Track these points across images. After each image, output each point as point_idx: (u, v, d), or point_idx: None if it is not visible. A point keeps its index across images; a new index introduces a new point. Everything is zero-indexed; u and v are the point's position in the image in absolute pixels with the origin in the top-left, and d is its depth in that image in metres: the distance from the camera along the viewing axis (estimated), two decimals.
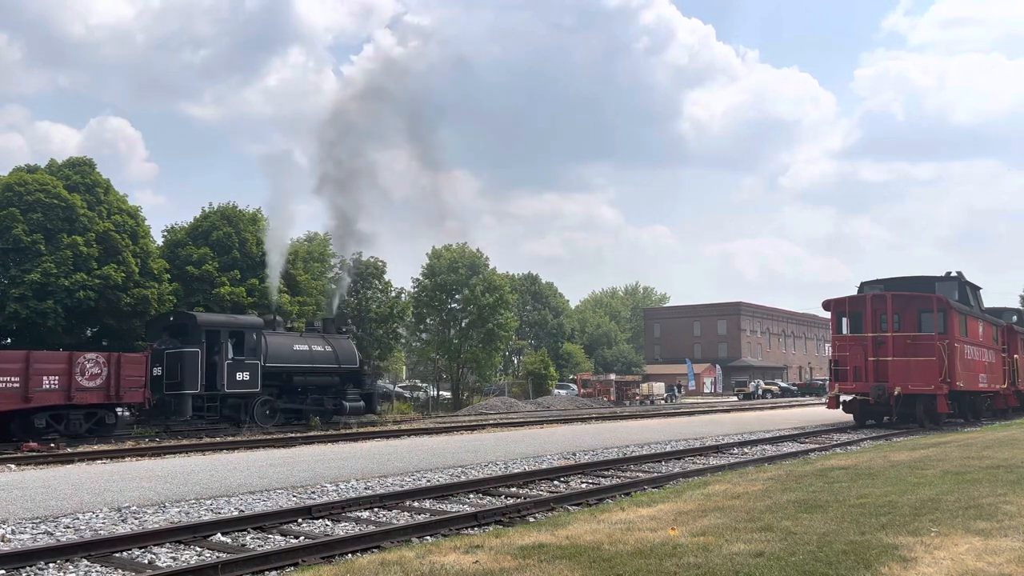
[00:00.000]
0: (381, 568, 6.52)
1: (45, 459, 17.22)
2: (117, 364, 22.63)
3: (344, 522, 9.89)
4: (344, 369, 29.59)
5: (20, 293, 30.20)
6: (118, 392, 22.55)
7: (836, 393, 25.39)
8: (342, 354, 29.64)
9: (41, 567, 7.60)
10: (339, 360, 29.38)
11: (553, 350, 76.31)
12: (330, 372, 29.21)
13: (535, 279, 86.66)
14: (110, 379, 22.43)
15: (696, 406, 50.19)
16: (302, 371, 28.32)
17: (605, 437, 21.61)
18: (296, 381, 28.18)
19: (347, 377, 29.79)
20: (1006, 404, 30.82)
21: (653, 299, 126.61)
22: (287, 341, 28.21)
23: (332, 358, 29.17)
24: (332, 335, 30.23)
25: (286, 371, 27.84)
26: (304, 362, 28.31)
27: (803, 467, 13.84)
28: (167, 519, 10.00)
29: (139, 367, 23.26)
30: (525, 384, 58.37)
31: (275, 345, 27.48)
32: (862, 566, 6.11)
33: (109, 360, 22.62)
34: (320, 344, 29.12)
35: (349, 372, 29.85)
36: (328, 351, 29.15)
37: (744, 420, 30.12)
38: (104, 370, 22.35)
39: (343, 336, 31.05)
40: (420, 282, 54.99)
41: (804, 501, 9.38)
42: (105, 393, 22.35)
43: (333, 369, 29.24)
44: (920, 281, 26.89)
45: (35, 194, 31.65)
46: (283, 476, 13.57)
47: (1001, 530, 7.38)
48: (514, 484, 12.86)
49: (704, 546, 6.92)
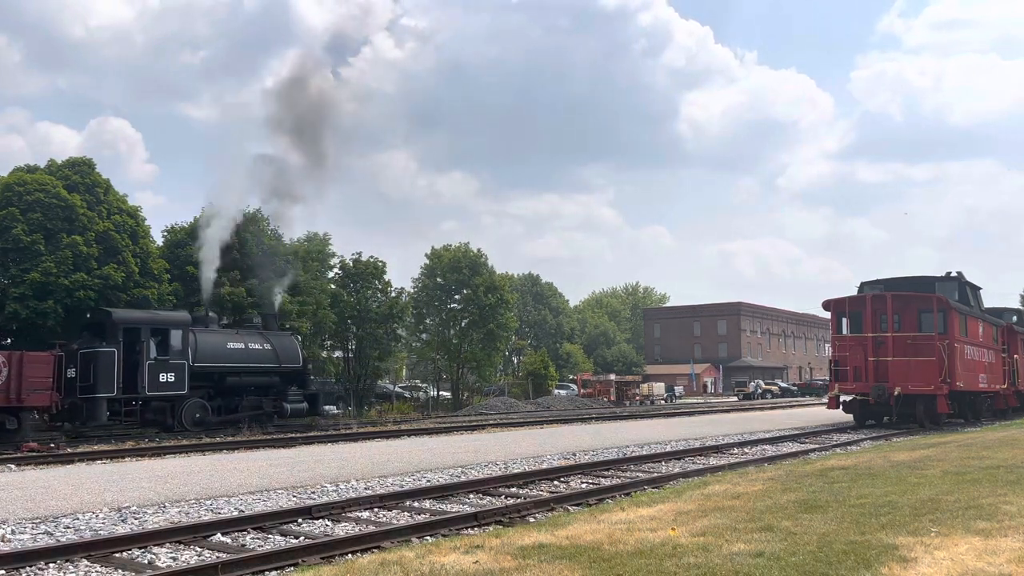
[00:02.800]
0: (381, 568, 6.52)
1: (45, 459, 17.22)
2: (20, 364, 20.54)
3: (344, 522, 9.88)
4: (285, 369, 27.94)
5: (20, 293, 30.19)
6: (19, 395, 20.43)
7: (836, 393, 25.39)
8: (283, 352, 27.99)
9: (41, 567, 7.60)
10: (280, 359, 27.72)
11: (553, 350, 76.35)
12: (269, 372, 27.52)
13: (536, 279, 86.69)
14: (10, 381, 20.28)
15: (696, 406, 50.19)
16: (237, 371, 26.57)
17: (605, 437, 21.61)
18: (230, 382, 26.49)
19: (289, 377, 28.20)
20: (1006, 404, 30.82)
21: (653, 299, 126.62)
22: (220, 339, 26.51)
23: (271, 357, 27.51)
24: (273, 332, 28.58)
25: (218, 371, 26.13)
26: (239, 361, 26.59)
27: (803, 467, 13.83)
28: (167, 519, 10.00)
29: (45, 367, 21.02)
30: (525, 384, 58.38)
31: (206, 343, 25.81)
32: (862, 566, 6.10)
33: (10, 360, 20.50)
34: (258, 342, 27.43)
35: (291, 372, 28.22)
36: (267, 349, 27.50)
37: (744, 420, 30.12)
38: (4, 371, 20.28)
39: (285, 333, 29.50)
40: (422, 281, 55.07)
41: (804, 501, 9.38)
42: (4, 396, 20.28)
43: (273, 369, 27.56)
44: (920, 281, 26.89)
45: (35, 194, 31.65)
46: (283, 476, 13.57)
47: (1001, 530, 7.38)
48: (514, 484, 12.86)
49: (704, 546, 6.92)
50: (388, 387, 54.32)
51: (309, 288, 39.49)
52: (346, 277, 46.51)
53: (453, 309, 54.86)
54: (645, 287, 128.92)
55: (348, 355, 45.71)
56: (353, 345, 45.75)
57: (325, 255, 46.82)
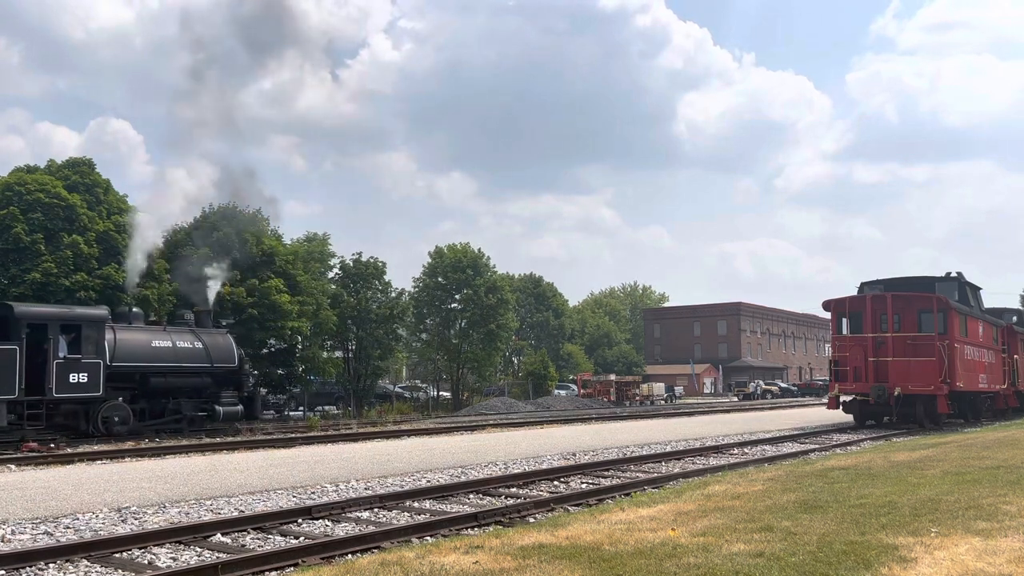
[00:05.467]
0: (381, 568, 6.52)
1: (45, 459, 17.22)
2: None
3: (344, 522, 9.89)
4: (218, 369, 25.93)
5: (20, 293, 30.18)
6: None
7: (836, 393, 25.40)
8: (216, 352, 25.99)
9: (41, 567, 7.60)
10: (212, 358, 25.75)
11: (554, 351, 76.33)
12: (200, 372, 25.50)
13: (538, 280, 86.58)
14: None
15: (696, 406, 50.19)
16: (162, 371, 24.47)
17: (605, 437, 21.62)
18: (155, 383, 24.41)
19: (223, 378, 26.20)
20: (1006, 404, 30.83)
21: (652, 299, 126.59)
22: (143, 337, 24.40)
23: (202, 356, 25.54)
24: (206, 330, 26.60)
25: (140, 371, 24.04)
26: (165, 361, 24.52)
27: (803, 467, 13.84)
28: (167, 519, 10.00)
29: None
30: (525, 384, 58.36)
31: (126, 342, 23.70)
32: (862, 566, 6.11)
33: None
34: (188, 340, 25.42)
35: (225, 372, 26.21)
36: (198, 348, 25.52)
37: (744, 420, 30.12)
38: None
39: (220, 331, 27.50)
40: (423, 281, 55.08)
41: (804, 501, 9.38)
42: None
43: (204, 369, 25.56)
44: (920, 281, 26.90)
45: (35, 194, 31.65)
46: (283, 476, 13.58)
47: (1001, 530, 7.38)
48: (514, 484, 12.86)
49: (704, 546, 6.92)
50: (388, 387, 54.33)
51: (309, 288, 39.49)
52: (346, 277, 46.53)
53: (453, 309, 54.90)
54: (644, 286, 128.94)
55: (348, 355, 45.73)
56: (353, 345, 45.78)
57: (325, 255, 46.84)
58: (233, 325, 35.20)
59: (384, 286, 47.46)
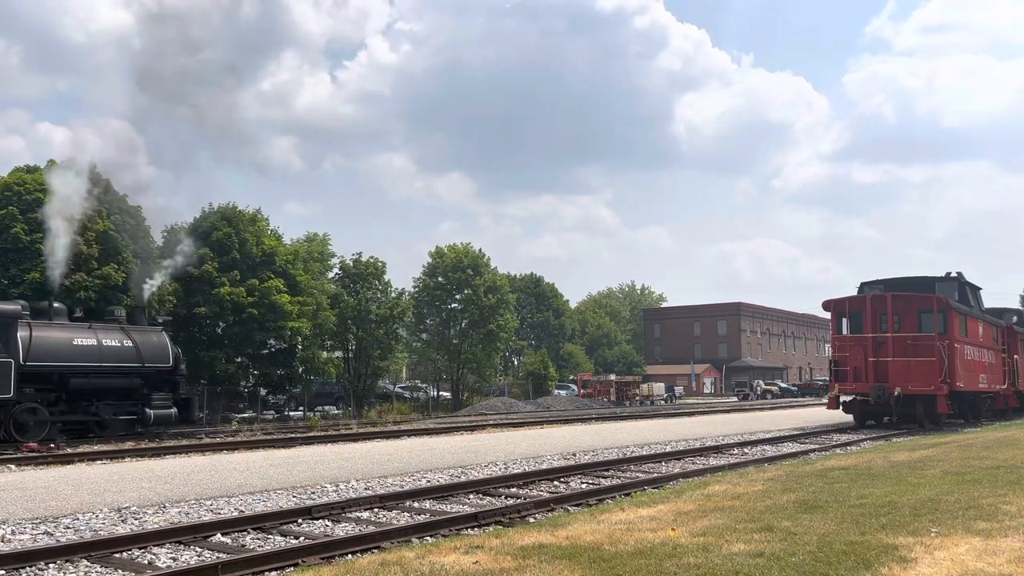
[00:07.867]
0: (381, 568, 6.52)
1: (45, 459, 17.21)
2: None
3: (344, 522, 9.88)
4: (150, 369, 24.21)
5: (20, 293, 30.16)
6: None
7: (836, 393, 25.39)
8: (148, 351, 24.24)
9: (41, 567, 7.59)
10: (143, 358, 24.01)
11: (554, 351, 76.31)
12: (129, 373, 23.77)
13: (539, 281, 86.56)
14: None
15: (696, 407, 50.20)
16: (84, 371, 22.76)
17: (605, 437, 21.62)
18: (76, 384, 22.70)
19: (155, 379, 24.51)
20: (1006, 404, 30.82)
21: (652, 299, 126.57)
22: (64, 335, 22.66)
23: (132, 356, 23.79)
24: (138, 328, 24.81)
25: (59, 371, 22.36)
26: (89, 360, 22.78)
27: (803, 467, 13.84)
28: (167, 519, 10.00)
29: None
30: (525, 384, 58.37)
31: (43, 339, 21.99)
32: (862, 566, 6.10)
33: None
34: (117, 338, 23.68)
35: (157, 373, 24.51)
36: (127, 347, 23.77)
37: (744, 420, 30.11)
38: None
39: (154, 329, 25.51)
40: (423, 281, 55.08)
41: (804, 501, 9.38)
42: None
43: (133, 369, 23.84)
44: (920, 281, 26.89)
45: (34, 193, 31.64)
46: (283, 476, 13.58)
47: (1001, 530, 7.38)
48: (514, 484, 12.86)
49: (704, 546, 6.92)
50: (388, 387, 54.34)
51: (309, 289, 39.50)
52: (346, 277, 46.53)
53: (453, 309, 54.90)
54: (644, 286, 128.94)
55: (348, 355, 45.73)
56: (353, 346, 45.77)
57: (325, 255, 46.83)
58: (233, 325, 35.22)
59: (384, 286, 47.48)
